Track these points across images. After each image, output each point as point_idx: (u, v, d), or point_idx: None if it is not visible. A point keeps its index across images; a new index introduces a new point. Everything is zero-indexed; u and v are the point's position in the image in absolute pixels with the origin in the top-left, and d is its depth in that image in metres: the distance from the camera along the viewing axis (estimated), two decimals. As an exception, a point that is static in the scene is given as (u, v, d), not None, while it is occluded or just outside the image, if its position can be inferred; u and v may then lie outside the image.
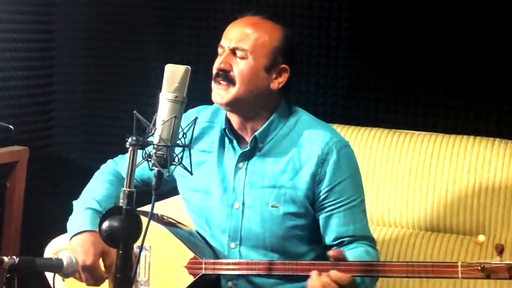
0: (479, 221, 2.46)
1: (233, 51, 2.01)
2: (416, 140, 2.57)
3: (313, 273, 1.86)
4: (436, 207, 2.50)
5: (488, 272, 1.76)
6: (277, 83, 2.05)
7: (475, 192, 2.46)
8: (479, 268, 1.77)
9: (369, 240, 2.07)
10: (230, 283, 2.08)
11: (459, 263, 1.80)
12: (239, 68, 2.00)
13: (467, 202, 2.46)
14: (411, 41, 2.81)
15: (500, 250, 1.76)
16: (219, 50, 2.05)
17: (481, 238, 2.38)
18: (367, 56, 2.90)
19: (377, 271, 1.87)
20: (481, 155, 2.47)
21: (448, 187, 2.49)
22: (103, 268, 2.02)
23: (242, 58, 2.01)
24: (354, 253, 1.99)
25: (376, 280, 2.04)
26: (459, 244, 2.46)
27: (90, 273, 2.00)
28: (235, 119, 2.09)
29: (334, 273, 1.84)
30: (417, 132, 2.62)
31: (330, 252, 1.88)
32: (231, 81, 2.00)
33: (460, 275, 1.79)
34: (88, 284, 2.02)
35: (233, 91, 2.00)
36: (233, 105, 2.03)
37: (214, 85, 2.03)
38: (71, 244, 2.04)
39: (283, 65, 2.06)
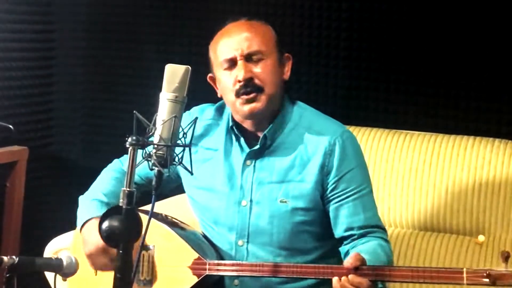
0: (479, 221, 2.46)
1: (246, 58, 1.99)
2: (416, 140, 2.57)
3: (334, 279, 1.82)
4: (436, 207, 2.50)
5: (493, 279, 1.74)
6: (287, 72, 2.08)
7: (475, 192, 2.46)
8: (485, 274, 1.74)
9: (381, 230, 2.05)
10: (236, 281, 2.07)
11: (465, 269, 1.77)
12: (261, 71, 1.99)
13: (467, 202, 2.46)
14: (411, 41, 2.81)
15: (505, 257, 1.74)
16: (224, 65, 2.01)
17: (481, 238, 2.38)
18: (367, 56, 2.90)
19: (382, 275, 1.84)
20: (481, 155, 2.47)
21: (448, 187, 2.49)
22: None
23: (259, 60, 1.99)
24: (367, 248, 1.96)
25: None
26: (459, 244, 2.46)
27: (107, 255, 1.99)
28: (249, 123, 2.06)
29: (353, 278, 1.80)
30: (417, 132, 2.62)
31: (350, 263, 1.82)
32: (258, 89, 1.98)
33: (465, 282, 1.77)
34: (105, 269, 2.01)
35: (263, 97, 1.99)
36: (265, 110, 2.01)
37: (240, 99, 1.98)
38: (83, 235, 2.04)
39: (287, 54, 2.08)
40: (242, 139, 2.08)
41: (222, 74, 2.02)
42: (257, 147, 2.06)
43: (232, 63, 2.00)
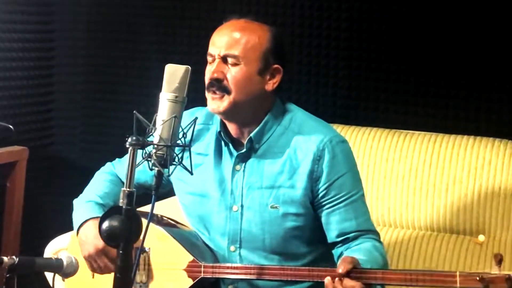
0: (479, 221, 2.46)
1: (223, 59, 1.98)
2: (416, 140, 2.57)
3: (327, 280, 1.82)
4: (436, 207, 2.50)
5: (486, 283, 1.74)
6: (271, 84, 2.03)
7: (475, 192, 2.46)
8: (478, 278, 1.75)
9: (374, 233, 2.05)
10: (231, 287, 2.07)
11: (458, 273, 1.78)
12: (232, 75, 1.97)
13: (467, 202, 2.46)
14: (411, 41, 2.81)
15: (498, 260, 1.75)
16: (209, 58, 2.01)
17: (481, 238, 2.39)
18: (367, 56, 2.90)
19: (375, 278, 1.84)
20: (481, 155, 2.47)
21: (448, 187, 2.49)
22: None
23: (234, 64, 1.97)
24: (362, 249, 1.96)
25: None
26: (459, 244, 2.46)
27: (106, 256, 1.99)
28: (232, 126, 2.06)
29: (346, 281, 1.80)
30: (417, 132, 2.62)
31: (342, 268, 1.81)
32: (225, 90, 1.97)
33: (458, 285, 1.77)
34: (104, 272, 2.02)
35: (229, 99, 1.97)
36: (230, 112, 2.00)
37: (208, 95, 2.00)
38: (80, 237, 2.04)
39: (276, 65, 2.03)
40: (230, 145, 2.07)
41: (207, 66, 2.03)
42: (243, 150, 2.05)
43: (213, 59, 2.00)
